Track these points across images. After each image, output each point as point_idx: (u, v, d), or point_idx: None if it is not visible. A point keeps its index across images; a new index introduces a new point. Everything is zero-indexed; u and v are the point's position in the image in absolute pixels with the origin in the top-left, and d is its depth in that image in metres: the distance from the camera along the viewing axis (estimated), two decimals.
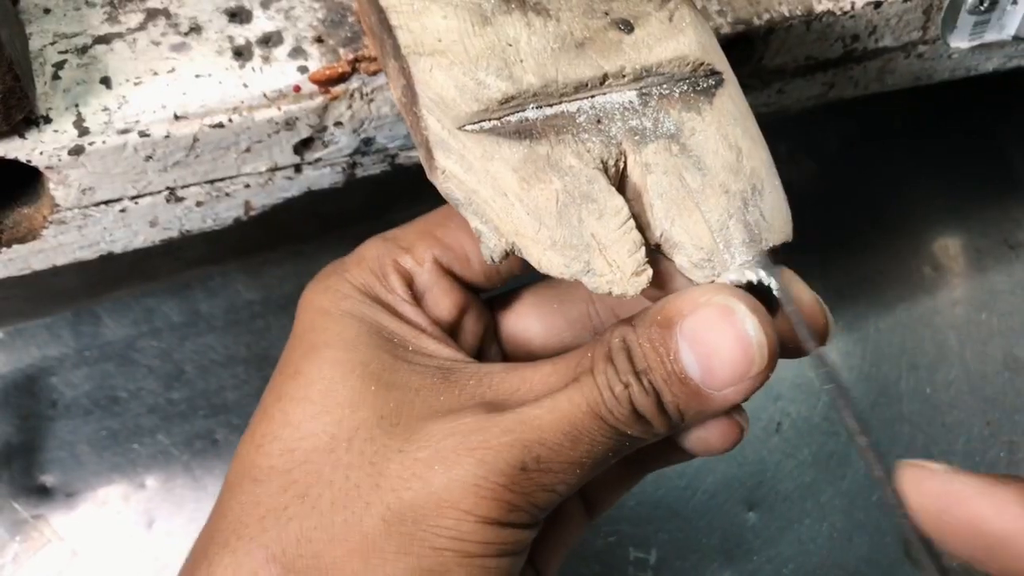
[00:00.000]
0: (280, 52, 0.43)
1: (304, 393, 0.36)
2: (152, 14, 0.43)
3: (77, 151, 0.40)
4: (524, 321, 0.42)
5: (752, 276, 0.35)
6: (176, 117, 0.41)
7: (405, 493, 0.33)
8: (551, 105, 0.36)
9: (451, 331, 0.40)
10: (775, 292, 0.35)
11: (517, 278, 0.42)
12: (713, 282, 0.35)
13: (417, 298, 0.39)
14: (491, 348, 0.42)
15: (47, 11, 0.42)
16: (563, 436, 0.33)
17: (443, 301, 0.40)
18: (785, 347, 0.35)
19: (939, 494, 0.31)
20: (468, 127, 0.35)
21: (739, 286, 0.35)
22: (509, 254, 0.35)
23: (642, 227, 0.36)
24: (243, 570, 0.33)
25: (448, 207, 0.40)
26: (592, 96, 0.37)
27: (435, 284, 0.40)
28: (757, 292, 0.35)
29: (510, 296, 0.43)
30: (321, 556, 0.33)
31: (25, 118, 0.39)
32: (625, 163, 0.36)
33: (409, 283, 0.39)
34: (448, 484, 0.33)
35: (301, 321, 0.39)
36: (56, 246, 0.44)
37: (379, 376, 0.36)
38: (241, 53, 0.43)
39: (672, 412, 0.34)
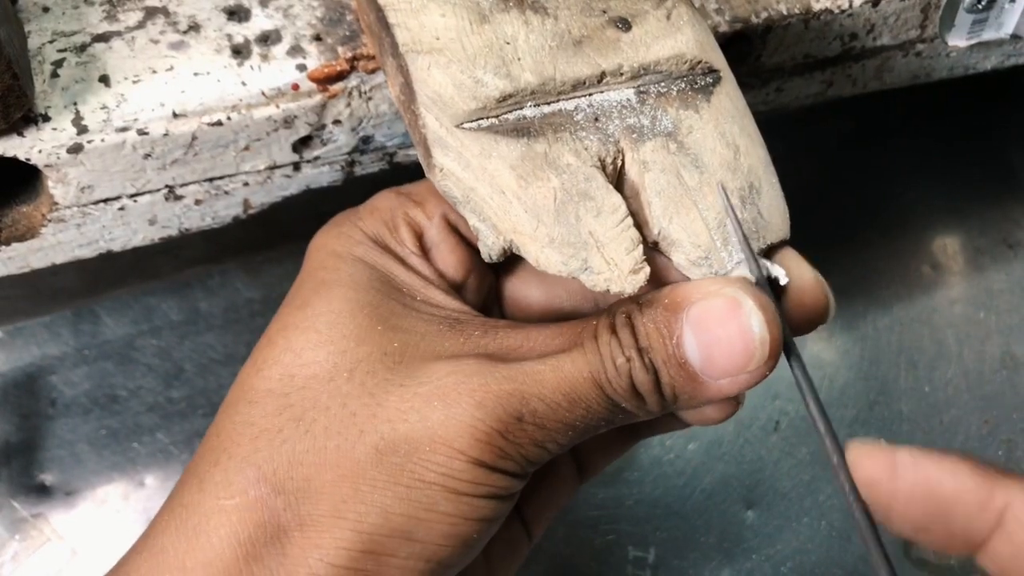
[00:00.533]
0: (279, 50, 0.43)
1: (311, 323, 0.36)
2: (151, 12, 0.43)
3: (76, 149, 0.40)
4: (526, 286, 0.42)
5: (756, 272, 0.35)
6: (175, 115, 0.41)
7: (401, 425, 0.34)
8: (549, 103, 0.36)
9: (457, 288, 0.40)
10: (782, 283, 0.35)
11: None
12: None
13: (425, 252, 0.40)
14: (493, 310, 0.43)
15: (46, 9, 0.42)
16: (562, 396, 0.34)
17: (449, 258, 0.40)
18: (797, 327, 0.36)
19: (889, 464, 0.32)
20: (466, 125, 0.35)
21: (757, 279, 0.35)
22: (507, 252, 0.35)
23: (640, 225, 0.36)
24: (233, 487, 0.34)
25: None
26: (590, 94, 0.37)
27: (443, 240, 0.40)
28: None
29: (513, 261, 0.43)
30: (311, 479, 0.33)
31: (24, 116, 0.39)
32: (623, 161, 0.36)
33: (419, 236, 0.40)
34: (445, 421, 0.33)
35: (312, 260, 0.39)
36: (55, 244, 0.44)
37: (387, 319, 0.36)
38: (240, 51, 0.43)
39: (667, 393, 0.35)
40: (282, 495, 0.33)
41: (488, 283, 0.42)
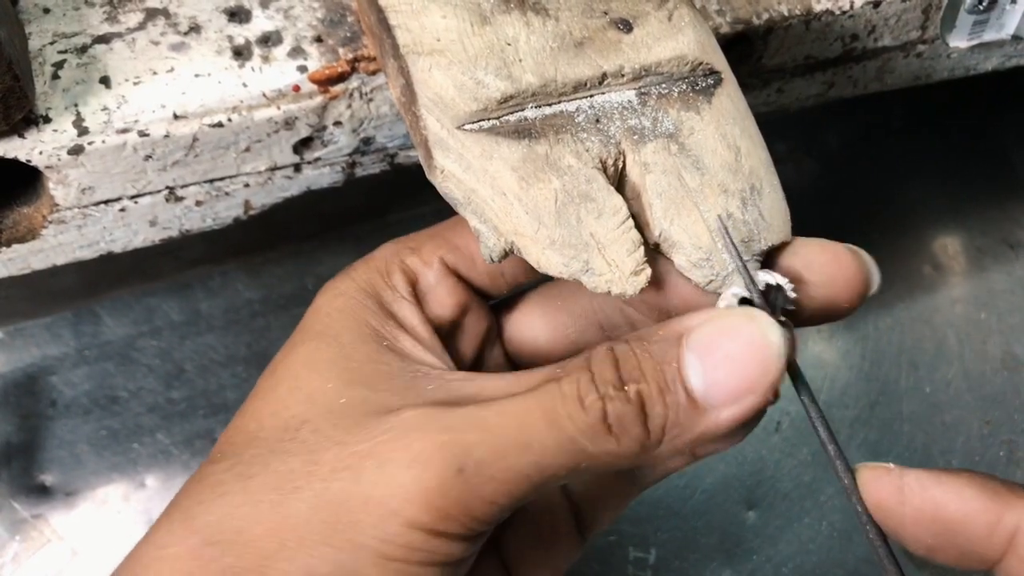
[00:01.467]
0: (279, 52, 0.43)
1: (273, 389, 0.36)
2: (151, 14, 0.43)
3: (76, 151, 0.40)
4: (528, 321, 0.42)
5: (762, 280, 0.35)
6: (175, 117, 0.41)
7: (334, 484, 0.32)
8: (550, 104, 0.36)
9: (451, 330, 0.40)
10: (788, 291, 0.35)
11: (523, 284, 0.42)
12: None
13: (419, 297, 0.39)
14: (492, 352, 0.42)
15: (46, 11, 0.42)
16: (509, 441, 0.31)
17: (446, 300, 0.40)
18: (811, 318, 0.36)
19: (897, 487, 0.31)
20: (467, 126, 0.35)
21: (742, 299, 0.35)
22: (508, 253, 0.35)
23: (641, 226, 0.36)
24: (171, 537, 0.34)
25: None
26: (591, 95, 0.37)
27: (439, 283, 0.40)
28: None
29: (515, 299, 0.43)
30: (241, 532, 0.33)
31: (24, 118, 0.39)
32: (624, 162, 0.36)
33: (413, 283, 0.39)
34: (377, 480, 0.31)
35: (301, 322, 0.39)
36: (56, 246, 0.44)
37: (341, 373, 0.36)
38: (240, 53, 0.43)
39: (654, 428, 0.32)
40: (211, 546, 0.33)
41: (487, 325, 0.41)
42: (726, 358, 0.32)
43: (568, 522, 0.40)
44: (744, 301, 0.35)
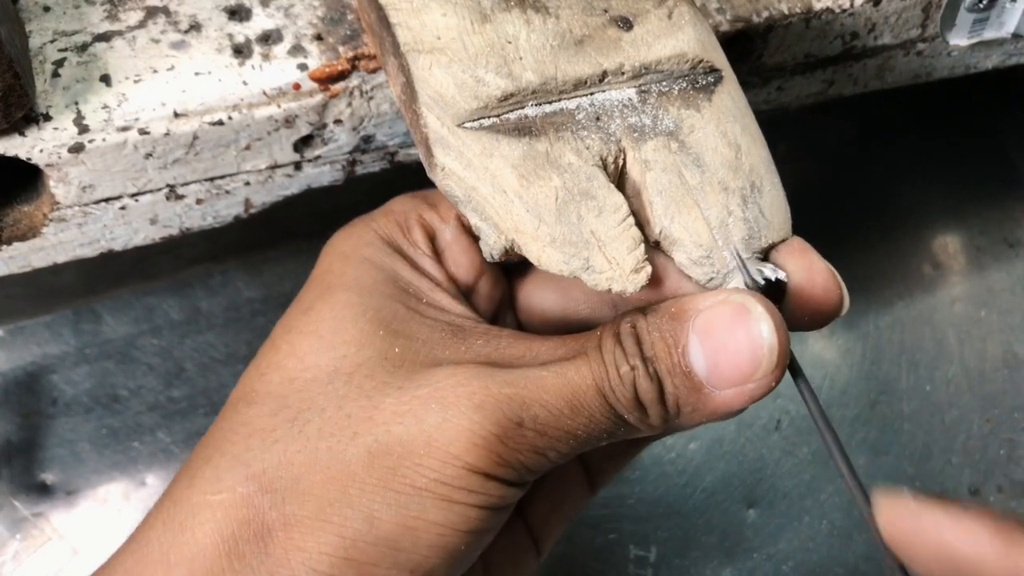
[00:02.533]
0: (280, 50, 0.43)
1: (314, 328, 0.36)
2: (152, 12, 0.43)
3: (77, 149, 0.40)
4: (541, 291, 0.42)
5: (761, 275, 0.35)
6: (176, 115, 0.41)
7: (396, 427, 0.33)
8: (550, 102, 0.36)
9: (468, 292, 0.40)
10: (783, 280, 0.35)
11: None
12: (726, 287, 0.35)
13: (438, 254, 0.40)
14: (506, 317, 0.42)
15: (47, 9, 0.42)
16: (564, 403, 0.33)
17: (462, 259, 0.40)
18: (799, 322, 0.36)
19: (911, 524, 0.31)
20: (467, 124, 0.35)
21: (751, 287, 0.35)
22: (509, 251, 0.35)
23: (641, 224, 0.36)
24: (221, 484, 0.33)
25: None
26: (591, 93, 0.37)
27: (455, 242, 0.40)
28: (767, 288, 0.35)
29: (529, 266, 0.43)
30: (300, 480, 0.33)
31: (25, 116, 0.39)
32: (624, 160, 0.36)
33: (431, 238, 0.40)
34: (441, 424, 0.33)
35: (321, 264, 0.39)
36: (56, 244, 0.44)
37: (389, 323, 0.36)
38: (241, 51, 0.43)
39: (670, 404, 0.34)
40: (269, 493, 0.33)
41: (501, 288, 0.42)
42: (723, 347, 0.33)
43: (579, 475, 0.42)
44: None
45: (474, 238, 0.40)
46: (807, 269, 0.36)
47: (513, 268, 0.43)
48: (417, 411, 0.33)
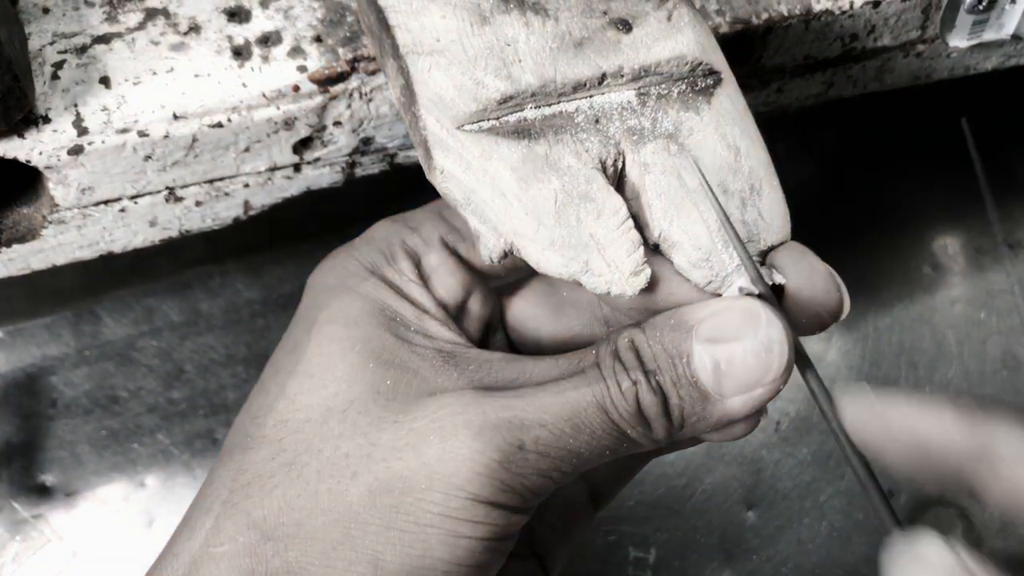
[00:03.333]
0: (279, 52, 0.43)
1: (302, 367, 0.36)
2: (151, 14, 0.43)
3: (76, 151, 0.40)
4: (533, 309, 0.42)
5: (738, 287, 0.35)
6: (175, 117, 0.41)
7: (395, 463, 0.32)
8: (549, 105, 0.36)
9: (456, 313, 0.40)
10: (781, 284, 0.35)
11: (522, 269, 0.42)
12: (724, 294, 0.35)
13: (424, 278, 0.39)
14: (496, 336, 0.42)
15: (46, 11, 0.42)
16: (565, 422, 0.33)
17: (448, 281, 0.39)
18: (799, 326, 0.36)
19: (880, 412, 0.31)
20: (467, 127, 0.35)
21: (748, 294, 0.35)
22: (508, 254, 0.35)
23: (640, 227, 0.36)
24: (222, 535, 0.33)
25: None
26: (590, 96, 0.37)
27: (441, 264, 0.39)
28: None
29: (519, 284, 0.43)
30: (302, 524, 0.32)
31: (24, 118, 0.39)
32: (623, 163, 0.36)
33: (416, 263, 0.39)
34: (442, 455, 0.32)
35: (305, 298, 0.39)
36: (56, 246, 0.44)
37: (378, 354, 0.36)
38: (240, 53, 0.43)
39: (675, 417, 0.34)
40: (272, 541, 0.32)
41: (491, 307, 0.41)
42: (733, 355, 0.33)
43: (584, 495, 0.42)
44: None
45: (460, 259, 0.40)
46: (807, 272, 0.35)
47: (503, 288, 0.43)
48: (415, 445, 0.32)
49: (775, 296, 0.35)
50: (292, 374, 0.36)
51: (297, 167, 0.46)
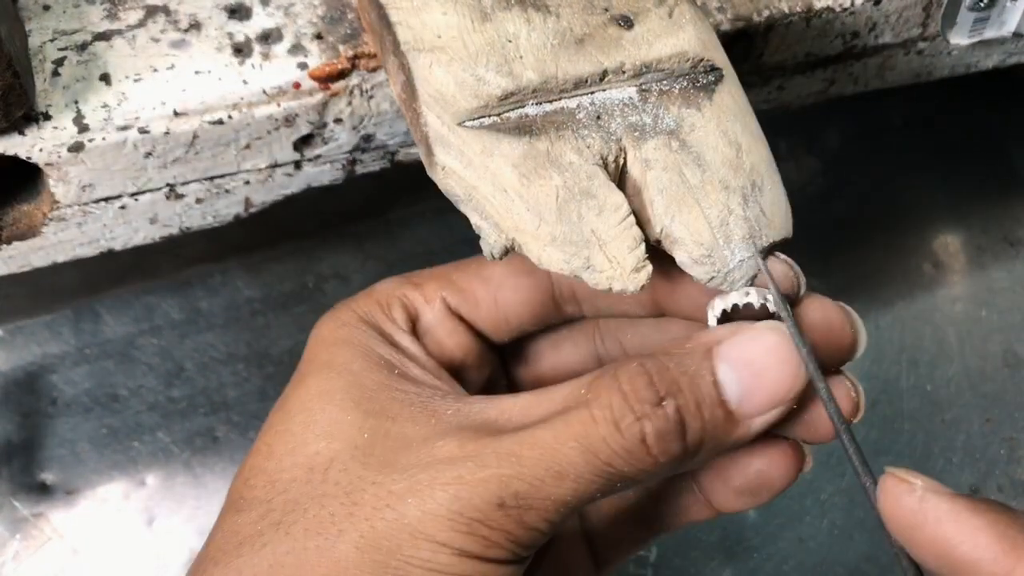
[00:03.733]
0: (280, 49, 0.43)
1: (287, 425, 0.36)
2: (152, 11, 0.43)
3: (77, 148, 0.40)
4: (537, 368, 0.42)
5: (755, 299, 0.35)
6: (176, 114, 0.41)
7: (378, 523, 0.32)
8: (551, 101, 0.36)
9: (453, 373, 0.40)
10: (771, 307, 0.35)
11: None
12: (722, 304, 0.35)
13: (419, 334, 0.39)
14: (498, 392, 0.41)
15: (47, 8, 0.42)
16: (544, 472, 0.32)
17: (446, 341, 0.39)
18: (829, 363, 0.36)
19: (915, 511, 0.30)
20: (468, 123, 0.35)
21: (737, 305, 0.35)
22: (509, 251, 0.35)
23: (642, 223, 0.36)
24: None
25: (470, 259, 0.40)
26: (592, 92, 0.37)
27: (439, 324, 0.39)
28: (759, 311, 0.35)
29: (523, 345, 0.43)
30: None
31: (25, 115, 0.39)
32: (625, 159, 0.36)
33: (413, 318, 0.39)
34: (422, 517, 0.32)
35: (305, 351, 0.39)
36: (56, 243, 0.44)
37: (358, 403, 0.35)
38: (241, 50, 0.43)
39: (691, 440, 0.33)
40: None
41: (491, 370, 0.41)
42: (760, 371, 0.33)
43: (586, 565, 0.41)
44: (734, 311, 0.35)
45: (459, 319, 0.40)
46: (820, 309, 0.36)
47: (510, 351, 0.43)
48: (396, 506, 0.32)
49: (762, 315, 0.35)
50: (277, 432, 0.36)
51: (298, 164, 0.46)
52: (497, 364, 0.42)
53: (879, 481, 0.32)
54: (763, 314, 0.35)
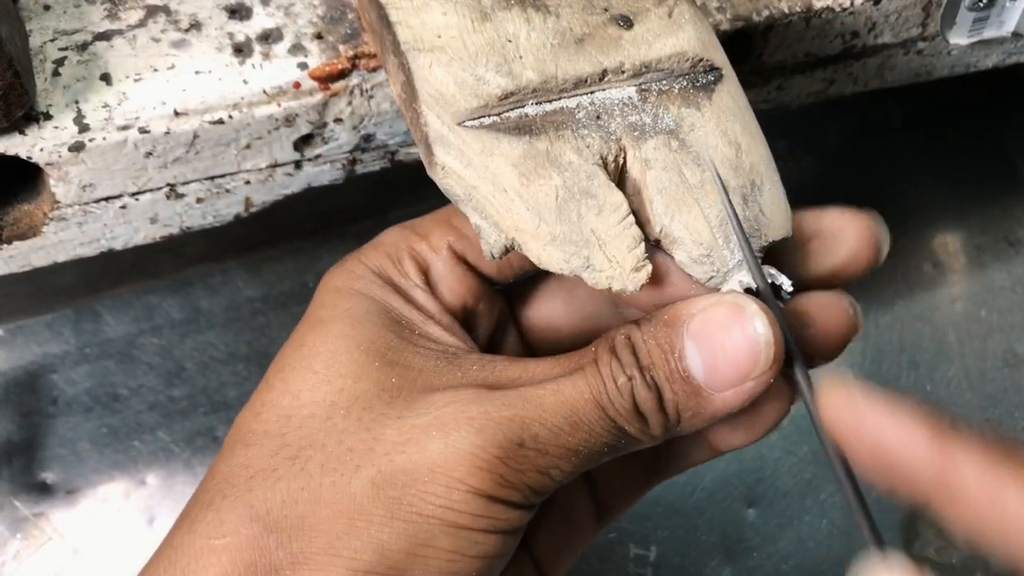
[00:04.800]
0: (280, 48, 0.43)
1: (307, 363, 0.36)
2: (152, 11, 0.43)
3: (77, 147, 0.40)
4: (547, 305, 0.42)
5: (738, 282, 0.35)
6: (176, 113, 0.41)
7: (398, 457, 0.33)
8: (550, 101, 0.36)
9: (465, 319, 0.40)
10: (785, 290, 0.35)
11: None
12: (720, 290, 0.35)
13: (431, 285, 0.39)
14: (507, 340, 0.42)
15: (47, 8, 0.42)
16: (563, 419, 0.33)
17: (456, 288, 0.40)
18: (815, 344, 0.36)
19: (853, 413, 0.31)
20: (467, 123, 0.35)
21: (747, 289, 0.35)
22: (509, 250, 0.35)
23: (642, 223, 0.36)
24: (224, 527, 0.33)
25: None
26: (591, 92, 0.37)
27: (450, 272, 0.40)
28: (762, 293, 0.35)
29: (530, 284, 0.43)
30: (305, 517, 0.33)
31: (25, 114, 0.39)
32: (625, 159, 0.36)
33: (424, 270, 0.39)
34: (444, 450, 0.33)
35: (314, 300, 0.39)
36: (57, 243, 0.44)
37: (383, 353, 0.36)
38: (241, 50, 0.43)
39: (670, 411, 0.34)
40: (275, 533, 0.33)
41: (499, 313, 0.41)
42: (720, 348, 0.33)
43: (589, 511, 0.42)
44: (747, 291, 0.35)
45: (467, 265, 0.40)
46: (817, 296, 0.36)
47: (515, 290, 0.43)
48: (418, 439, 0.33)
49: (774, 293, 0.35)
50: (296, 370, 0.36)
51: (298, 164, 0.46)
52: (504, 307, 0.42)
53: (817, 390, 0.32)
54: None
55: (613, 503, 0.42)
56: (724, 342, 0.33)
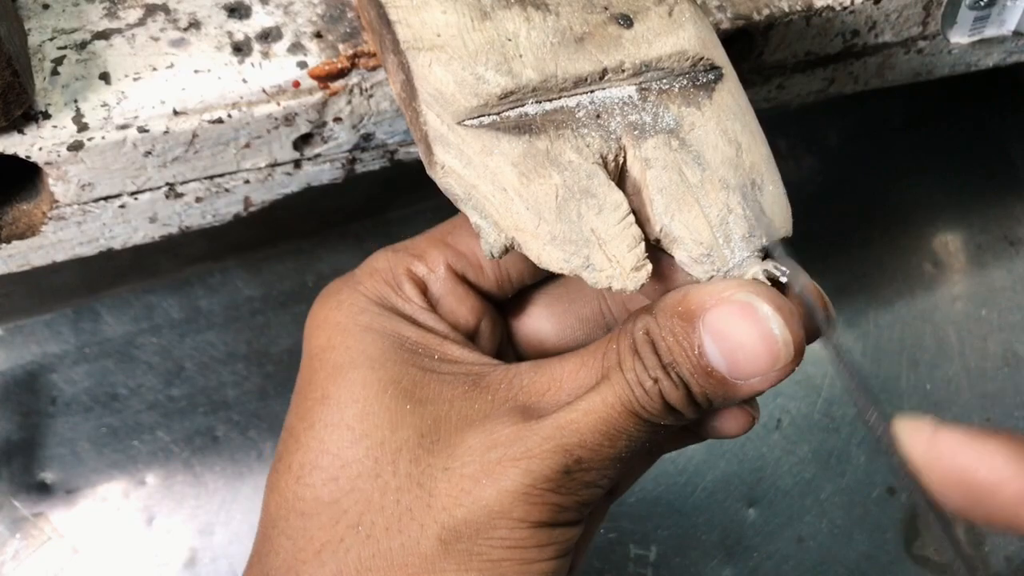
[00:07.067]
0: (279, 47, 0.43)
1: (339, 418, 0.36)
2: (151, 10, 0.43)
3: (76, 147, 0.40)
4: (536, 323, 0.42)
5: (761, 271, 0.35)
6: (175, 113, 0.41)
7: (457, 511, 0.34)
8: (550, 100, 0.36)
9: (469, 337, 0.40)
10: (782, 280, 0.35)
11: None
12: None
13: (433, 306, 0.39)
14: (507, 354, 0.42)
15: (46, 7, 0.42)
16: (601, 436, 0.34)
17: (459, 308, 0.39)
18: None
19: (928, 447, 0.31)
20: (467, 122, 0.35)
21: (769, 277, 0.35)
22: (509, 249, 0.35)
23: (642, 222, 0.36)
24: None
25: (457, 216, 0.40)
26: (591, 91, 0.37)
27: (450, 292, 0.39)
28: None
29: (520, 300, 0.43)
30: None
31: (24, 114, 0.39)
32: (625, 158, 0.36)
33: (424, 291, 0.39)
34: (498, 496, 0.33)
35: (317, 339, 0.38)
36: (56, 242, 0.44)
37: (412, 392, 0.36)
38: (240, 48, 0.43)
39: (701, 401, 0.34)
40: None
41: (500, 327, 0.41)
42: (739, 347, 0.33)
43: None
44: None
45: (467, 284, 0.40)
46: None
47: (506, 305, 0.43)
48: (471, 490, 0.34)
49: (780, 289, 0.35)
50: (329, 426, 0.36)
51: (297, 163, 0.46)
52: (504, 324, 0.42)
53: (892, 426, 0.32)
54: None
55: (621, 484, 0.43)
56: (742, 341, 0.33)
